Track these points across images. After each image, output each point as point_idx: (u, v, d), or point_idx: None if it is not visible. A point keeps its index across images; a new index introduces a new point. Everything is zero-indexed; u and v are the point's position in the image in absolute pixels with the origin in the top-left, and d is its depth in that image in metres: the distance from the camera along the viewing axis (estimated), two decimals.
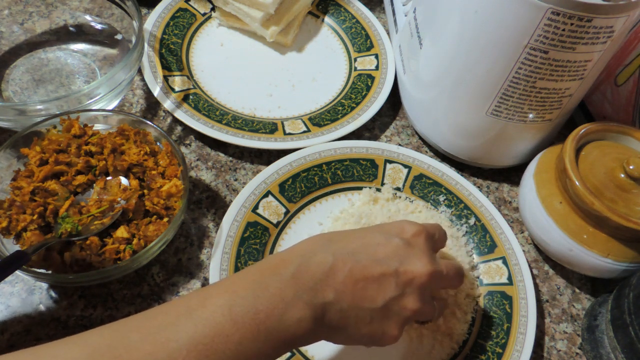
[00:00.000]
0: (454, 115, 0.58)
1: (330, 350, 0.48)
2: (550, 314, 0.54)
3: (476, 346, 0.49)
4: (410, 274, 0.38)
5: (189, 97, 0.60)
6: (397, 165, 0.59)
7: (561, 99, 0.53)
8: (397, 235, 0.40)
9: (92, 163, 0.49)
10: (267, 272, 0.36)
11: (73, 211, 0.47)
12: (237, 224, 0.51)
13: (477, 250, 0.55)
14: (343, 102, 0.64)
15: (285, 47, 0.69)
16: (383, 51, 0.69)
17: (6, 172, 0.48)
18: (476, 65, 0.52)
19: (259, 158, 0.60)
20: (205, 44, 0.67)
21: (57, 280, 0.44)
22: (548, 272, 0.57)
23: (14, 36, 0.61)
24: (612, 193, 0.50)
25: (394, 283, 0.38)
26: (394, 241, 0.39)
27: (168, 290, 0.49)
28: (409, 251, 0.39)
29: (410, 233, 0.41)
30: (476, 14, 0.49)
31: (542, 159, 0.56)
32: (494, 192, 0.62)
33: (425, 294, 0.40)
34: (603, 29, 0.46)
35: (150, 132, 0.52)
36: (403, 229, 0.41)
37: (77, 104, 0.51)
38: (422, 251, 0.40)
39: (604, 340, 0.49)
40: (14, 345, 0.44)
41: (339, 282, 0.36)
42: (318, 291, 0.36)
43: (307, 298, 0.35)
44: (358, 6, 0.73)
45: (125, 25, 0.61)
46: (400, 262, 0.38)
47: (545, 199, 0.53)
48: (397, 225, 0.42)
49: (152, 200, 0.48)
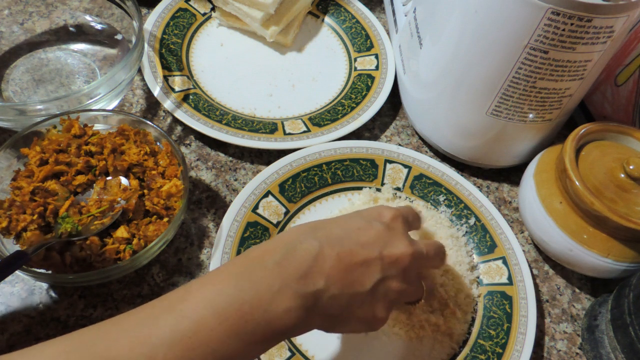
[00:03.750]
0: (454, 115, 0.58)
1: (331, 350, 0.48)
2: (550, 314, 0.54)
3: (476, 346, 0.49)
4: (393, 256, 0.39)
5: (189, 97, 0.60)
6: (397, 165, 0.59)
7: (561, 99, 0.53)
8: (376, 219, 0.41)
9: (92, 163, 0.49)
10: (250, 263, 0.36)
11: (73, 211, 0.47)
12: (237, 224, 0.51)
13: (477, 250, 0.55)
14: (343, 102, 0.64)
15: (285, 47, 0.69)
16: (383, 51, 0.69)
17: (6, 172, 0.48)
18: (476, 65, 0.52)
19: (259, 158, 0.60)
20: (205, 44, 0.67)
21: (57, 280, 0.44)
22: (548, 272, 0.57)
23: (14, 36, 0.61)
24: (612, 193, 0.50)
25: (380, 266, 0.38)
26: (375, 225, 0.40)
27: (168, 290, 0.49)
28: (390, 234, 0.40)
29: (389, 217, 0.42)
30: (476, 14, 0.49)
31: (542, 159, 0.56)
32: (494, 192, 0.62)
33: (409, 275, 0.41)
34: (603, 29, 0.46)
35: (150, 132, 0.52)
36: (381, 213, 0.42)
37: (77, 104, 0.51)
38: (401, 234, 0.41)
39: (604, 340, 0.49)
40: (14, 345, 0.44)
41: (328, 268, 0.36)
42: (308, 279, 0.35)
43: (297, 287, 0.35)
44: (358, 6, 0.73)
45: (125, 25, 0.61)
46: (384, 245, 0.39)
47: (545, 199, 0.53)
48: (374, 210, 0.43)
49: (152, 200, 0.48)
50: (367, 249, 0.38)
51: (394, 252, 0.39)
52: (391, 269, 0.39)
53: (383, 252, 0.39)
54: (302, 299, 0.35)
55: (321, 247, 0.37)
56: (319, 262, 0.36)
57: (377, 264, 0.38)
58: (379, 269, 0.38)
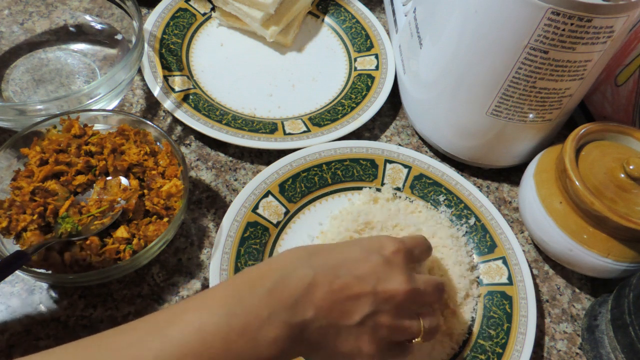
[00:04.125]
0: (454, 115, 0.58)
1: None
2: (550, 314, 0.54)
3: (476, 346, 0.49)
4: (387, 292, 0.38)
5: (189, 97, 0.60)
6: (397, 165, 0.59)
7: (561, 99, 0.53)
8: (376, 251, 0.40)
9: (92, 163, 0.49)
10: (242, 287, 0.35)
11: (73, 211, 0.47)
12: (237, 224, 0.51)
13: (477, 250, 0.55)
14: (343, 102, 0.64)
15: (285, 47, 0.69)
16: (383, 51, 0.69)
17: (6, 172, 0.48)
18: (476, 65, 0.52)
19: (259, 158, 0.60)
20: (205, 44, 0.67)
21: (57, 280, 0.44)
22: (548, 272, 0.57)
23: (14, 36, 0.61)
24: (612, 193, 0.50)
25: (372, 300, 0.37)
26: (374, 258, 0.39)
27: (168, 290, 0.49)
28: (387, 269, 0.39)
29: (390, 250, 0.40)
30: (476, 14, 0.49)
31: (542, 159, 0.56)
32: (494, 192, 0.62)
33: (403, 312, 0.39)
34: (603, 29, 0.46)
35: (150, 132, 0.52)
36: (382, 245, 0.41)
37: (77, 104, 0.51)
38: (400, 269, 0.40)
39: (604, 340, 0.49)
40: (14, 346, 0.44)
41: (319, 298, 0.36)
42: (298, 309, 0.35)
43: (286, 317, 0.34)
44: (358, 6, 0.73)
45: (125, 25, 0.61)
46: (378, 280, 0.38)
47: (545, 199, 0.53)
48: (376, 240, 0.41)
49: (152, 200, 0.48)
50: (361, 283, 0.37)
51: (388, 288, 0.38)
52: (384, 304, 0.38)
53: (377, 287, 0.38)
54: (290, 328, 0.34)
55: (315, 276, 0.36)
56: (310, 292, 0.36)
57: (369, 298, 0.37)
58: (369, 303, 0.37)
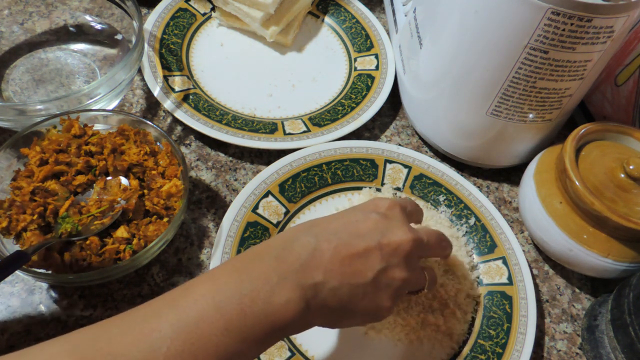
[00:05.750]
0: (454, 115, 0.58)
1: (331, 349, 0.48)
2: (550, 314, 0.54)
3: (476, 346, 0.49)
4: (393, 244, 0.39)
5: (189, 97, 0.60)
6: (397, 165, 0.59)
7: (561, 99, 0.53)
8: (373, 210, 0.41)
9: (92, 163, 0.49)
10: (249, 259, 0.36)
11: (73, 211, 0.47)
12: (237, 224, 0.51)
13: (477, 250, 0.55)
14: (343, 102, 0.64)
15: (285, 47, 0.69)
16: (383, 51, 0.69)
17: (6, 172, 0.48)
18: (476, 65, 0.52)
19: (259, 158, 0.60)
20: (205, 44, 0.67)
21: (57, 280, 0.44)
22: (548, 272, 0.57)
23: (14, 36, 0.61)
24: (612, 193, 0.50)
25: (380, 255, 0.38)
26: (372, 216, 0.40)
27: (168, 290, 0.49)
28: (388, 223, 0.40)
29: (385, 207, 0.41)
30: (476, 14, 0.49)
31: (542, 159, 0.56)
32: (494, 192, 0.62)
33: (412, 262, 0.40)
34: (603, 29, 0.46)
35: (150, 132, 0.52)
36: (377, 204, 0.42)
37: (77, 104, 0.51)
38: (399, 221, 0.41)
39: (604, 340, 0.49)
40: (14, 346, 0.44)
41: (326, 262, 0.36)
42: (306, 272, 0.35)
43: (295, 279, 0.35)
44: (358, 6, 0.73)
45: (125, 25, 0.61)
46: (382, 234, 0.39)
47: (545, 199, 0.53)
48: (370, 202, 0.43)
49: (152, 200, 0.48)
50: (365, 239, 0.38)
51: (393, 239, 0.39)
52: (392, 257, 0.39)
53: (382, 241, 0.38)
54: (302, 290, 0.35)
55: (318, 242, 0.37)
56: (316, 256, 0.36)
57: (376, 254, 0.38)
58: (379, 259, 0.38)
